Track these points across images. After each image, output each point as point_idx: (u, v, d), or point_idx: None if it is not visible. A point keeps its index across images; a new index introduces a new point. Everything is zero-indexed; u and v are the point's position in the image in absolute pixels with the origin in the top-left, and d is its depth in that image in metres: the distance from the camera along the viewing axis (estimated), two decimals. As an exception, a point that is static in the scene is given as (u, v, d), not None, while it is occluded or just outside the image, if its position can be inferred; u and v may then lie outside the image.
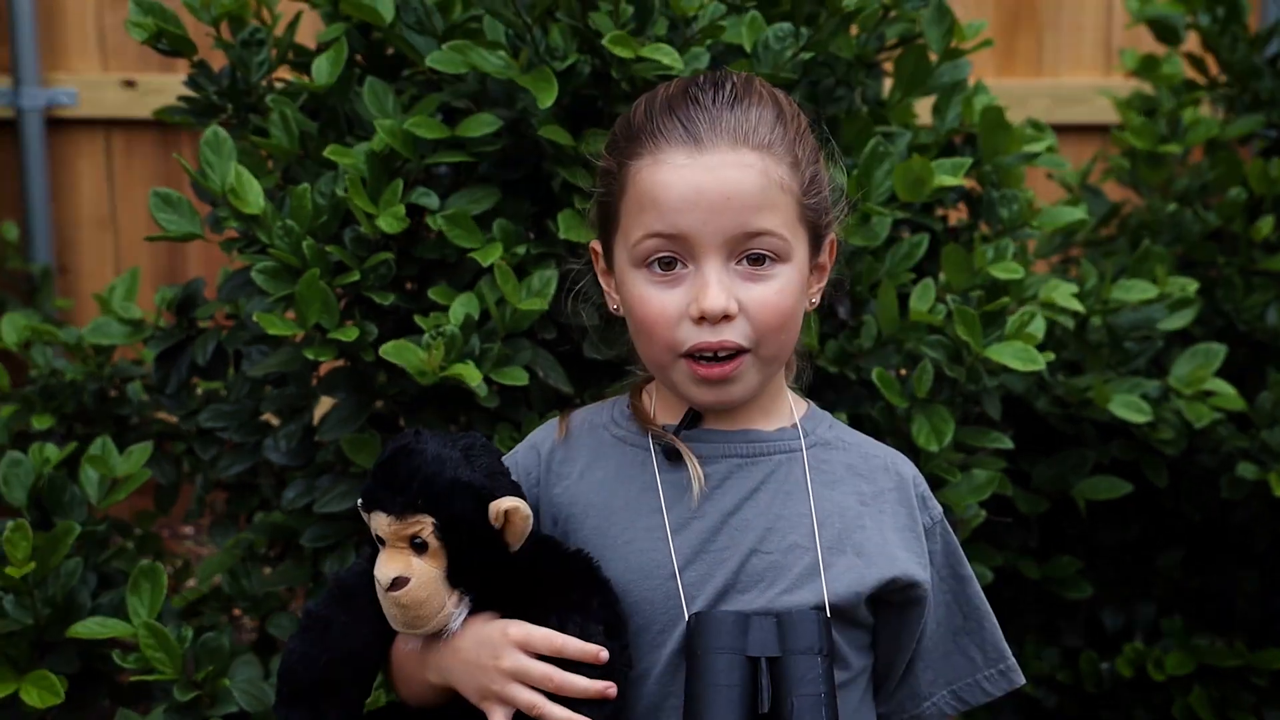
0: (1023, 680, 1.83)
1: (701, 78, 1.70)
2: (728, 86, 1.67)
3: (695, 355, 1.64)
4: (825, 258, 1.74)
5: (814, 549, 1.68)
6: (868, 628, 1.74)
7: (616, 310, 1.74)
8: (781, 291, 1.64)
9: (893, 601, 1.73)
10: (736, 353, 1.64)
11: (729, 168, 1.62)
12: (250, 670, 2.21)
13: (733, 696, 1.59)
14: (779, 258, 1.64)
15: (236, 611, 2.71)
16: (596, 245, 1.77)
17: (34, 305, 3.83)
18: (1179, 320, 2.68)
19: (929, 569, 1.75)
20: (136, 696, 2.35)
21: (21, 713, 2.19)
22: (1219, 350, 2.65)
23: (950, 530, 1.80)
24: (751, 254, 1.63)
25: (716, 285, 1.61)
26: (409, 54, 2.24)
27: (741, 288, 1.63)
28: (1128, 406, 2.53)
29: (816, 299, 1.75)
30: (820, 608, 1.66)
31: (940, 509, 1.79)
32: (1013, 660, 1.82)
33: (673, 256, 1.64)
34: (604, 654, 1.61)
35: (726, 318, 1.62)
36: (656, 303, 1.64)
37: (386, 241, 2.17)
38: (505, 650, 1.61)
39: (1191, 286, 2.70)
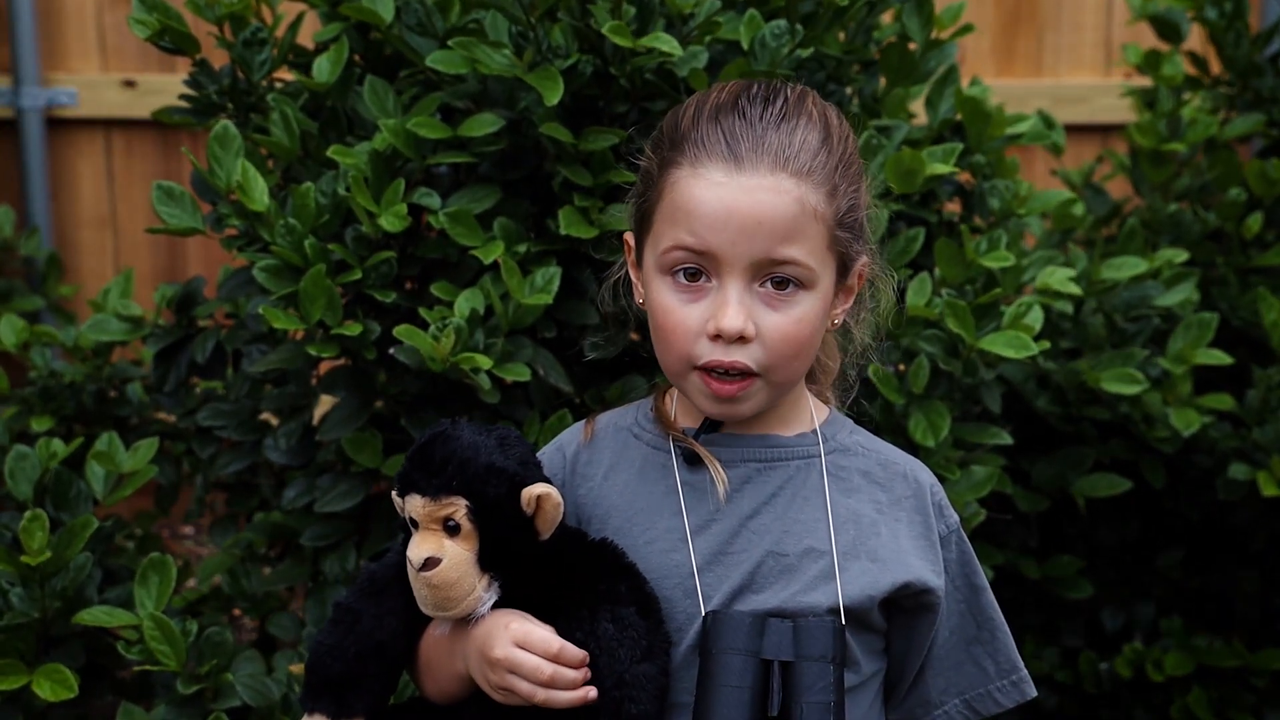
0: (1034, 693, 1.83)
1: (755, 87, 1.69)
2: (779, 102, 1.66)
3: (708, 370, 1.65)
4: (854, 280, 1.74)
5: (829, 553, 1.69)
6: (880, 632, 1.75)
7: (642, 304, 1.75)
8: (800, 321, 1.65)
9: (905, 607, 1.74)
10: (746, 374, 1.64)
11: (765, 191, 1.62)
12: (253, 665, 2.21)
13: (743, 698, 1.60)
14: (802, 285, 1.65)
15: (236, 611, 2.72)
16: (630, 238, 1.77)
17: (41, 293, 3.83)
18: (1177, 295, 2.68)
19: (943, 576, 1.75)
20: (140, 692, 2.35)
21: (26, 706, 2.20)
22: (1210, 319, 2.65)
23: (966, 540, 1.80)
24: (775, 278, 1.64)
25: (736, 305, 1.62)
26: (409, 55, 2.25)
27: (761, 312, 1.63)
28: (1120, 379, 2.52)
29: (840, 320, 1.75)
30: (834, 610, 1.67)
31: (957, 518, 1.79)
32: (1025, 672, 1.82)
33: (698, 268, 1.64)
34: (588, 657, 1.62)
35: (742, 339, 1.62)
36: (677, 315, 1.65)
37: (388, 240, 2.18)
38: (500, 642, 1.62)
39: (1180, 257, 2.70)
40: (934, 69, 2.51)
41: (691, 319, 1.64)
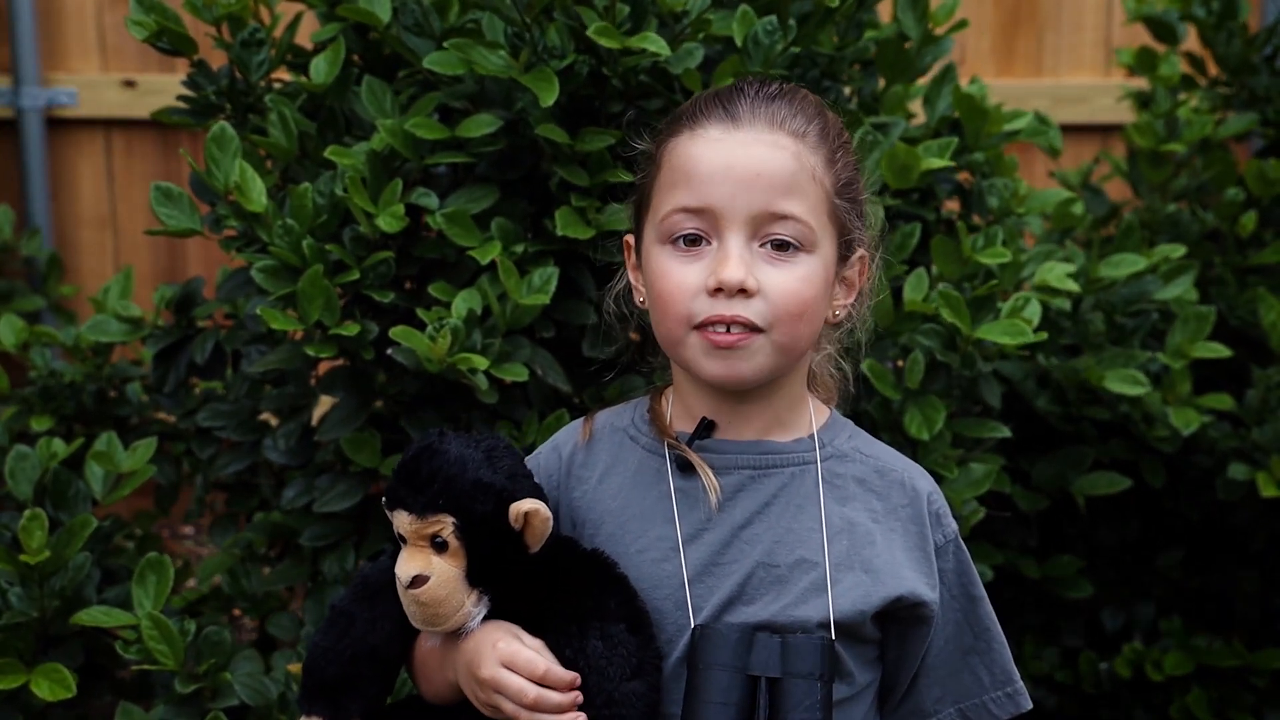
0: (1029, 705, 1.81)
1: (751, 77, 1.73)
2: (773, 85, 1.69)
3: (708, 326, 1.63)
4: (854, 273, 1.73)
5: (822, 564, 1.67)
6: (874, 643, 1.73)
7: (642, 303, 1.74)
8: (804, 279, 1.63)
9: (899, 618, 1.72)
10: (748, 329, 1.62)
11: (762, 145, 1.63)
12: (251, 664, 2.21)
13: (729, 714, 1.59)
14: (803, 246, 1.63)
15: (236, 611, 2.72)
16: (629, 239, 1.77)
17: (41, 293, 3.84)
18: (1176, 289, 2.68)
19: (938, 588, 1.73)
20: (139, 692, 2.35)
21: (25, 706, 2.20)
22: (1208, 312, 2.65)
23: (964, 549, 1.78)
24: (776, 239, 1.62)
25: (736, 258, 1.61)
26: (406, 55, 2.25)
27: (763, 269, 1.62)
28: (1124, 380, 2.52)
29: (841, 313, 1.73)
30: (825, 624, 1.65)
31: (955, 527, 1.77)
32: (1021, 684, 1.80)
33: (698, 234, 1.63)
34: (579, 679, 1.61)
35: (744, 292, 1.61)
36: (676, 275, 1.64)
37: (385, 241, 2.18)
38: (488, 662, 1.62)
39: (1178, 252, 2.69)
40: (930, 64, 2.51)
41: (690, 278, 1.63)
